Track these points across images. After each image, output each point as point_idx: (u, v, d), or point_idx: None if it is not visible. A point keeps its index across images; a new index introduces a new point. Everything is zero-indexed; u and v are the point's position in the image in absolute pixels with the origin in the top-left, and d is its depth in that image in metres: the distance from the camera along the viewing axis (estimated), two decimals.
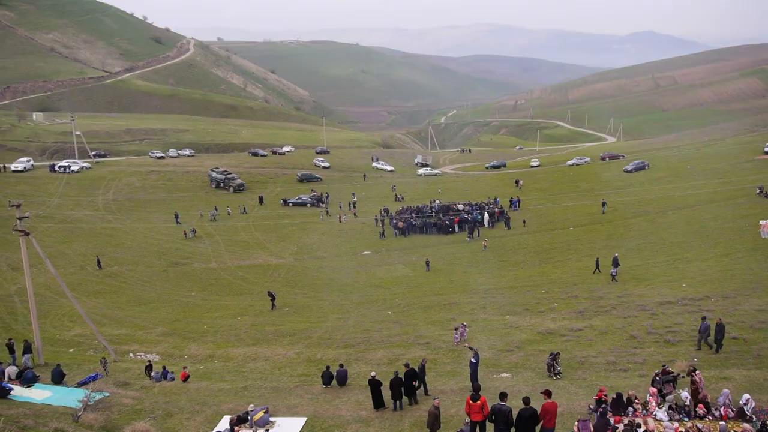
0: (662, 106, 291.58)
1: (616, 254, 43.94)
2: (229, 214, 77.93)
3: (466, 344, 28.93)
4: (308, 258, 61.39)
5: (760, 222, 48.46)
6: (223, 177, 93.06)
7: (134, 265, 57.91)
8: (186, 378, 27.45)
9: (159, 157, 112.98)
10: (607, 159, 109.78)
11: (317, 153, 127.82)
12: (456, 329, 30.46)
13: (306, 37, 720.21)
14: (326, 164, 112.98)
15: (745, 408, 18.81)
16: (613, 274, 42.15)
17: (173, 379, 27.69)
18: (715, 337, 25.45)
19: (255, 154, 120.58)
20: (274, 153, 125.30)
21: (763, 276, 36.83)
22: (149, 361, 30.36)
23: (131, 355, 33.96)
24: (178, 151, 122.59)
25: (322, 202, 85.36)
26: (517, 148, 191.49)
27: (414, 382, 22.60)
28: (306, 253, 63.16)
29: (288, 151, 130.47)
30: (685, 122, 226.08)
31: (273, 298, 43.70)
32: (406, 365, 23.01)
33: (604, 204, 66.77)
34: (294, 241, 67.53)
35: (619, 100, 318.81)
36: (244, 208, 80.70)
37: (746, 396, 19.18)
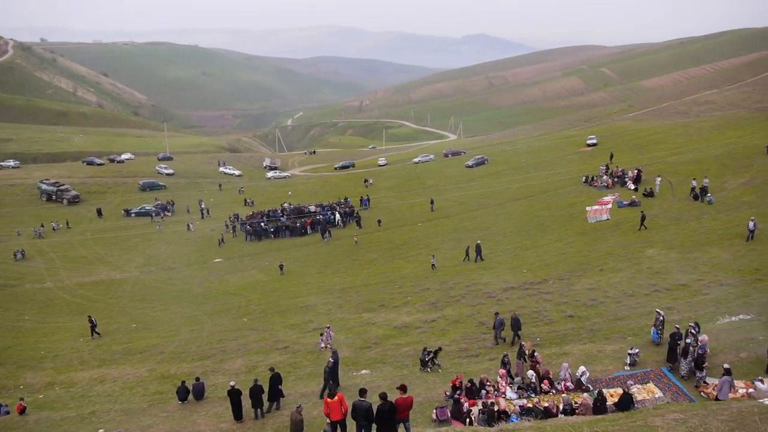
0: (496, 104, 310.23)
1: (478, 242, 46.63)
2: (54, 229, 71.97)
3: (330, 346, 28.99)
4: (156, 270, 58.43)
5: (587, 208, 53.33)
6: (55, 189, 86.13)
7: None
8: (22, 410, 25.08)
9: None
10: (450, 156, 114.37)
11: (160, 160, 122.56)
12: (321, 334, 30.31)
13: (140, 38, 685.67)
14: (170, 171, 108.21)
15: (582, 379, 20.57)
16: (433, 263, 45.37)
17: (8, 413, 25.21)
18: (512, 330, 26.63)
19: (90, 163, 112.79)
20: (112, 161, 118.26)
21: (591, 257, 40.46)
22: None
23: None
24: (1, 163, 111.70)
25: (168, 211, 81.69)
26: (371, 147, 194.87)
27: (279, 386, 22.34)
28: (153, 264, 60.08)
29: (127, 159, 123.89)
30: (518, 119, 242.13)
31: (93, 325, 38.66)
32: (271, 369, 22.72)
33: (432, 202, 69.84)
34: (139, 253, 63.99)
35: (458, 100, 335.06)
36: (68, 222, 74.68)
37: (582, 368, 21.00)
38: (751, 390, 18.24)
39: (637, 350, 22.21)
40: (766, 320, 24.04)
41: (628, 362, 21.96)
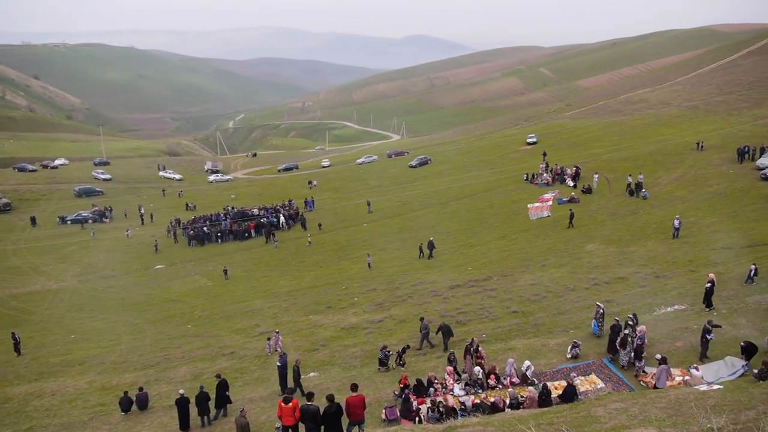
0: (438, 105, 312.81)
1: (431, 239, 47.37)
2: None
3: (279, 350, 28.64)
4: (94, 278, 56.59)
5: (528, 206, 54.42)
6: None
7: None
8: None
9: None
10: (394, 156, 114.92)
11: (96, 164, 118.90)
12: (268, 339, 29.90)
13: (73, 39, 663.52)
14: (107, 176, 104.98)
15: (527, 373, 20.99)
16: (369, 262, 46.47)
17: None
18: (443, 337, 26.43)
19: (22, 170, 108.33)
20: (45, 167, 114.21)
21: (534, 254, 41.33)
22: None
23: None
24: None
25: (106, 217, 79.28)
26: (318, 148, 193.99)
27: (227, 393, 22.00)
28: (91, 273, 58.18)
29: (61, 164, 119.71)
30: (460, 119, 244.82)
31: (17, 343, 36.11)
32: (218, 376, 22.39)
33: (369, 204, 70.20)
34: (76, 261, 61.89)
35: (400, 100, 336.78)
36: None
37: (527, 363, 21.42)
38: (687, 377, 18.95)
39: (579, 343, 22.80)
40: (700, 310, 25.04)
41: (571, 355, 22.51)
